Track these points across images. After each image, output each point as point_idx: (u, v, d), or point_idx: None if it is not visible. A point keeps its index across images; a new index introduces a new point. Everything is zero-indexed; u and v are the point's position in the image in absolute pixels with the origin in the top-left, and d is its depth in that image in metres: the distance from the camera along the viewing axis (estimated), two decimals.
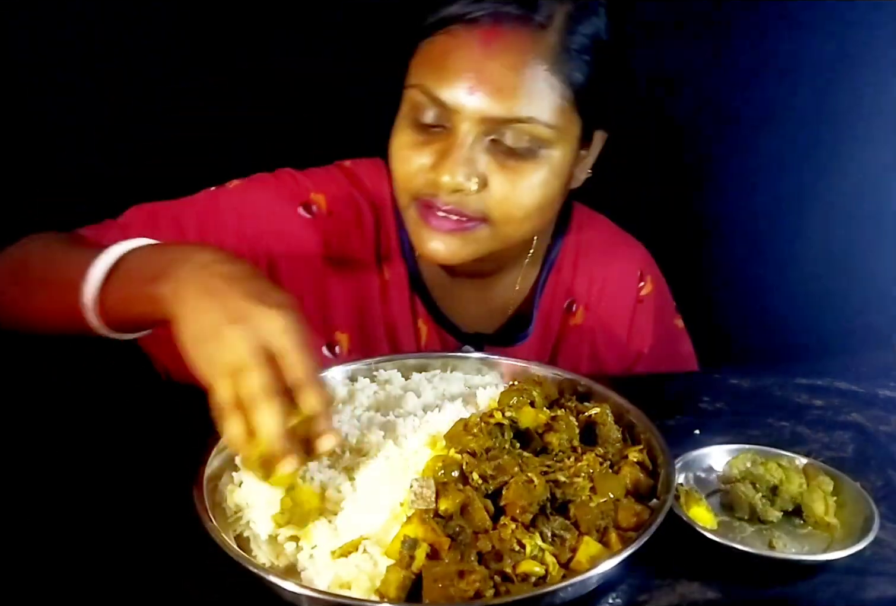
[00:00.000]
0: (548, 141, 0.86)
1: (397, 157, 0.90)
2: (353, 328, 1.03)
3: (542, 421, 0.77)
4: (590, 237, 1.13)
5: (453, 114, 0.84)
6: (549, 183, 0.89)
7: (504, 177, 0.87)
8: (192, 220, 0.97)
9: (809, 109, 1.57)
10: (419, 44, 0.88)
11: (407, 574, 0.61)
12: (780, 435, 0.90)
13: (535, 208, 0.90)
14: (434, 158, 0.87)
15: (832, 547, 0.71)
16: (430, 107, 0.86)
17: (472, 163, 0.85)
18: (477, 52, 0.83)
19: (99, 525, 0.73)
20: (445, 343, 1.07)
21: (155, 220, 0.96)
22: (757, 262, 1.69)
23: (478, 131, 0.85)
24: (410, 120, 0.88)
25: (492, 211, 0.88)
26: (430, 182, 0.87)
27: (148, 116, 1.40)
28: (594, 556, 0.64)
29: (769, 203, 1.65)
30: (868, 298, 1.63)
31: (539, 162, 0.87)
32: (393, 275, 1.04)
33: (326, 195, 1.02)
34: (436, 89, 0.84)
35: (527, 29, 0.83)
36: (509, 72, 0.83)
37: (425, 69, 0.86)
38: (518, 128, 0.84)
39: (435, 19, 0.85)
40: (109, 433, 0.87)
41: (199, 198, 1.00)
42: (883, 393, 1.00)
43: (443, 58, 0.84)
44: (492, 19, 0.83)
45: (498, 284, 1.09)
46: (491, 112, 0.83)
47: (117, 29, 1.36)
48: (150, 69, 1.39)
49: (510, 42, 0.83)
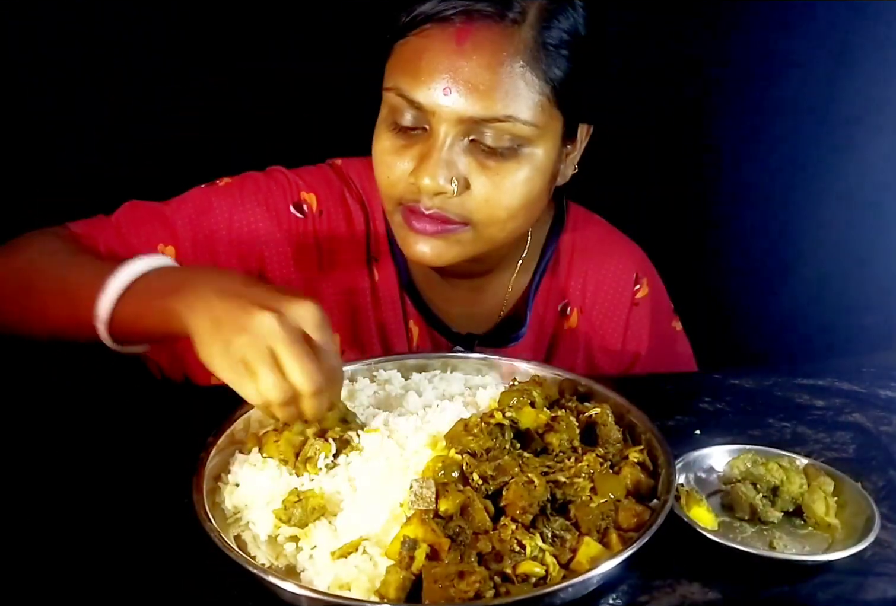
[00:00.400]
0: (529, 139, 0.85)
1: (379, 163, 0.90)
2: (344, 328, 1.03)
3: (542, 422, 0.77)
4: (585, 238, 1.12)
5: (430, 115, 0.84)
6: (532, 181, 0.88)
7: (486, 178, 0.86)
8: (185, 219, 0.97)
9: (814, 109, 1.57)
10: (393, 45, 0.87)
11: (407, 574, 0.61)
12: (780, 435, 0.90)
13: (519, 208, 0.89)
14: (414, 162, 0.86)
15: (833, 548, 0.71)
16: (407, 110, 0.85)
17: (452, 166, 0.84)
18: (450, 51, 0.82)
19: (98, 526, 0.73)
20: (437, 343, 1.07)
21: (147, 219, 0.96)
22: (758, 263, 1.69)
23: (456, 132, 0.84)
24: (389, 123, 0.88)
25: (474, 213, 0.87)
26: (412, 187, 0.86)
27: (148, 116, 1.40)
28: (594, 557, 0.64)
29: (770, 203, 1.65)
30: (869, 299, 1.63)
31: (521, 160, 0.86)
32: (383, 276, 1.04)
33: (317, 194, 1.02)
34: (411, 91, 0.83)
35: (500, 26, 0.82)
36: (484, 70, 0.81)
37: (400, 71, 0.85)
38: (497, 128, 0.83)
39: (407, 19, 0.84)
40: (108, 433, 0.87)
41: (191, 197, 0.99)
42: (884, 394, 1.00)
43: (416, 59, 0.83)
44: (464, 17, 0.82)
45: (490, 285, 1.09)
46: (468, 112, 0.82)
47: (117, 29, 1.36)
48: (150, 69, 1.39)
49: (483, 40, 0.82)
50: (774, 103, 1.57)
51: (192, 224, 0.97)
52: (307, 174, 1.04)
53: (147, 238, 0.95)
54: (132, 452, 0.83)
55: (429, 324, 1.06)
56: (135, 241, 0.94)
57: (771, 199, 1.66)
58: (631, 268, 1.14)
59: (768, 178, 1.65)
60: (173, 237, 0.96)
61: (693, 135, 1.60)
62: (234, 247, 0.97)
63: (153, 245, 0.95)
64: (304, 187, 1.02)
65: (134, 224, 0.96)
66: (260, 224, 0.98)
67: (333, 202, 1.03)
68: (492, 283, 1.09)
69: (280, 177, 1.02)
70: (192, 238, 0.96)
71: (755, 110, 1.58)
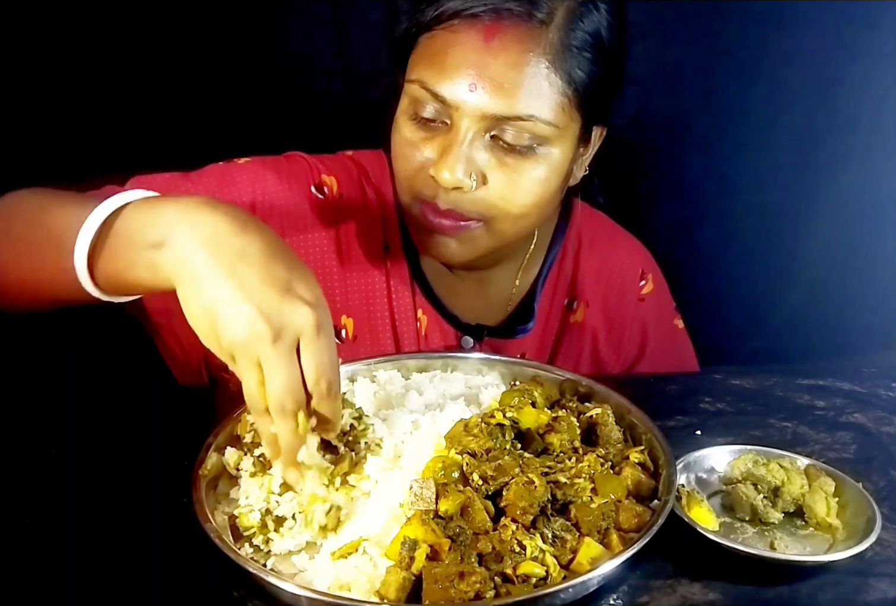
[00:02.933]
0: (548, 138, 0.86)
1: (399, 155, 0.90)
2: (358, 313, 1.03)
3: (543, 422, 0.77)
4: (591, 234, 1.13)
5: (453, 110, 0.84)
6: (548, 181, 0.89)
7: (503, 174, 0.87)
8: (206, 191, 0.94)
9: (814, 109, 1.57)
10: (418, 38, 0.87)
11: (407, 575, 0.61)
12: (781, 435, 0.89)
13: (533, 206, 0.90)
14: (434, 155, 0.87)
15: (834, 548, 0.71)
16: (430, 103, 0.85)
17: (472, 160, 0.85)
18: (478, 47, 0.82)
19: (98, 526, 0.73)
20: (445, 333, 1.07)
21: (163, 187, 0.91)
22: (758, 263, 1.68)
23: (478, 128, 0.84)
24: (410, 114, 0.88)
25: (489, 209, 0.88)
26: (429, 181, 0.87)
27: (148, 116, 1.40)
28: (595, 557, 0.64)
29: (773, 203, 1.65)
30: (870, 299, 1.63)
31: (538, 160, 0.87)
32: (395, 264, 1.04)
33: (337, 178, 1.02)
34: (436, 85, 0.84)
35: (528, 26, 0.83)
36: (510, 69, 0.82)
37: (426, 64, 0.86)
38: (519, 126, 0.84)
39: (435, 13, 0.85)
40: (108, 433, 0.87)
41: (210, 171, 0.98)
42: (885, 394, 1.00)
43: (443, 53, 0.84)
44: (493, 15, 0.82)
45: (497, 278, 1.09)
46: (491, 109, 0.83)
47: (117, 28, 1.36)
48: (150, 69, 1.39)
49: (511, 38, 0.82)
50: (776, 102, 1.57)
51: (213, 195, 0.91)
52: (326, 159, 1.04)
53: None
54: (132, 452, 0.83)
55: (438, 314, 1.07)
56: None
57: (771, 199, 1.66)
58: (637, 264, 1.15)
59: (768, 178, 1.65)
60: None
61: (695, 135, 1.60)
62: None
63: None
64: (325, 170, 1.02)
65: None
66: (282, 201, 0.97)
67: (352, 187, 1.03)
68: (499, 277, 1.09)
69: (300, 159, 1.02)
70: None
71: (756, 109, 1.58)
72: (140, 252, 0.65)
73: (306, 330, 0.62)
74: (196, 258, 0.62)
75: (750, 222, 1.68)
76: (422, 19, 0.86)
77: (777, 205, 1.66)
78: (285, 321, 0.61)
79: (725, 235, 1.68)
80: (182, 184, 0.94)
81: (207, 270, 0.62)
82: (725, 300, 1.66)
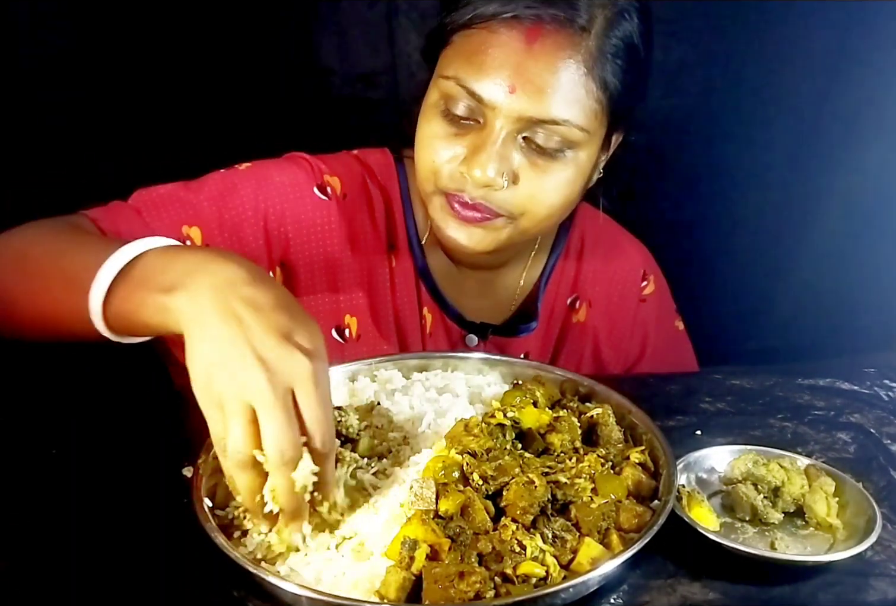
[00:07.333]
0: (577, 142, 0.87)
1: (426, 146, 0.90)
2: (362, 312, 1.03)
3: (544, 422, 0.77)
4: (594, 234, 1.14)
5: (489, 110, 0.85)
6: (574, 183, 0.90)
7: (534, 175, 0.87)
8: (209, 200, 0.95)
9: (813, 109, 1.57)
10: (452, 36, 0.87)
11: (407, 575, 0.61)
12: (781, 435, 0.89)
13: (558, 207, 0.91)
14: (465, 152, 0.87)
15: (834, 549, 0.71)
16: (463, 100, 0.86)
17: (505, 160, 0.86)
18: (519, 49, 0.83)
19: (98, 526, 0.73)
20: (450, 331, 1.08)
21: (168, 200, 0.94)
22: (758, 263, 1.69)
23: (511, 129, 0.85)
24: (441, 110, 0.88)
25: (517, 207, 0.89)
26: (459, 175, 0.87)
27: (148, 116, 1.40)
28: (595, 558, 0.64)
29: (772, 203, 1.65)
30: (870, 299, 1.63)
31: (567, 162, 0.88)
32: (400, 263, 1.05)
33: (341, 179, 1.02)
34: (473, 83, 0.84)
35: (569, 31, 0.83)
36: (550, 73, 0.83)
37: (463, 62, 0.86)
38: (551, 129, 0.85)
39: (475, 13, 0.85)
40: (108, 434, 0.87)
41: (212, 179, 0.98)
42: (885, 394, 0.99)
43: (482, 53, 0.84)
44: (535, 18, 0.82)
45: (502, 277, 1.10)
46: (528, 112, 0.83)
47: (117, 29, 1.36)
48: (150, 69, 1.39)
49: (553, 43, 0.83)
50: (775, 103, 1.57)
51: (217, 205, 0.95)
52: (329, 159, 1.04)
53: (170, 219, 0.93)
54: (132, 452, 0.83)
55: (443, 312, 1.07)
56: (157, 224, 0.92)
57: (771, 199, 1.66)
58: (639, 265, 1.16)
59: (768, 178, 1.65)
60: (197, 217, 0.94)
61: (695, 135, 1.60)
62: (260, 227, 0.96)
63: (177, 226, 0.93)
64: (328, 171, 1.02)
65: (154, 206, 0.93)
66: (285, 205, 0.98)
67: (356, 187, 1.03)
68: (503, 276, 1.10)
69: (302, 161, 1.02)
70: (219, 218, 0.95)
71: (755, 110, 1.58)
72: (152, 295, 0.66)
73: (302, 380, 0.60)
74: (204, 302, 0.63)
75: (749, 222, 1.68)
76: (458, 18, 0.86)
77: (777, 205, 1.66)
78: (281, 367, 0.60)
79: (725, 235, 1.69)
80: (184, 196, 0.95)
81: (213, 313, 0.62)
82: (725, 300, 1.67)
